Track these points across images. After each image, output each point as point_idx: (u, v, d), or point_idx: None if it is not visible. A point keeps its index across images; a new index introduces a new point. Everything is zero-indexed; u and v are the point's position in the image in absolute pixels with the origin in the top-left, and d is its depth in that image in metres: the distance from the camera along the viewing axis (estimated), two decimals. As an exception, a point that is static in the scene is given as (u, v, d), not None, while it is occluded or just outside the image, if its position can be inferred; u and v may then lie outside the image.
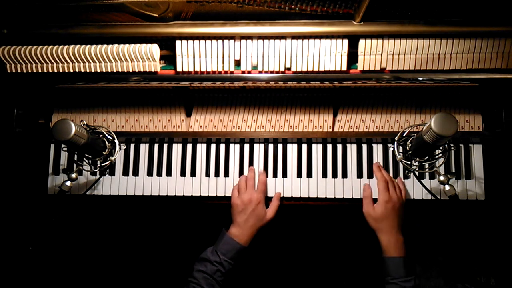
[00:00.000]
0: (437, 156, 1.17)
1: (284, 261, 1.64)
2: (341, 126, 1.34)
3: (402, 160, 1.19)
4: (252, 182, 1.29)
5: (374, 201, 1.23)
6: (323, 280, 1.61)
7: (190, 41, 1.21)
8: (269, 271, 1.63)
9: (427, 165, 1.22)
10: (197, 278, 1.15)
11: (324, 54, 1.19)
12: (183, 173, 1.35)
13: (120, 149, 1.25)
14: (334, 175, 1.33)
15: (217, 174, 1.35)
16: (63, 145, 1.26)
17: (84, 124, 1.16)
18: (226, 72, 1.23)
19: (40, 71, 1.23)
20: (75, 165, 1.30)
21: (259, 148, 1.35)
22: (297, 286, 1.62)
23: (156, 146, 1.37)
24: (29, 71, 1.23)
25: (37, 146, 1.37)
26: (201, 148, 1.36)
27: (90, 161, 1.22)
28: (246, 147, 1.36)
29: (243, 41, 1.20)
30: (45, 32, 1.21)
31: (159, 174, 1.35)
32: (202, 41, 1.20)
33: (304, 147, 1.35)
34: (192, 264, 1.19)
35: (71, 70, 1.22)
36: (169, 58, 1.27)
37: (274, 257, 1.64)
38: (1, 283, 1.30)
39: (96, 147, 1.18)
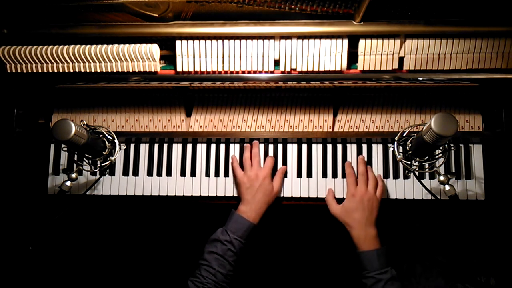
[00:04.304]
0: (437, 156, 1.17)
1: (284, 260, 1.64)
2: (341, 126, 1.34)
3: (402, 160, 1.19)
4: (258, 159, 1.30)
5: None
6: (323, 280, 1.62)
7: (190, 41, 1.20)
8: (269, 271, 1.63)
9: (427, 165, 1.22)
10: (208, 259, 1.14)
11: (324, 54, 1.19)
12: (183, 173, 1.35)
13: (120, 149, 1.24)
14: (334, 175, 1.33)
15: (217, 174, 1.35)
16: (63, 145, 1.26)
17: (84, 124, 1.16)
18: (226, 72, 1.23)
19: (40, 71, 1.23)
20: (75, 165, 1.30)
21: (259, 148, 1.35)
22: (297, 285, 1.62)
23: (156, 146, 1.37)
24: (29, 71, 1.23)
25: (37, 146, 1.37)
26: (201, 148, 1.36)
27: (90, 161, 1.22)
28: (246, 147, 1.35)
29: (243, 41, 1.20)
30: (45, 32, 1.21)
31: (159, 174, 1.35)
32: (202, 41, 1.20)
33: (304, 147, 1.35)
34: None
35: (71, 70, 1.22)
36: (169, 58, 1.27)
37: (274, 257, 1.64)
38: (1, 283, 1.30)
39: (96, 147, 1.18)
